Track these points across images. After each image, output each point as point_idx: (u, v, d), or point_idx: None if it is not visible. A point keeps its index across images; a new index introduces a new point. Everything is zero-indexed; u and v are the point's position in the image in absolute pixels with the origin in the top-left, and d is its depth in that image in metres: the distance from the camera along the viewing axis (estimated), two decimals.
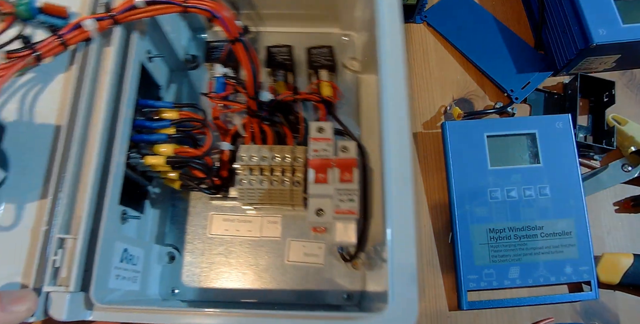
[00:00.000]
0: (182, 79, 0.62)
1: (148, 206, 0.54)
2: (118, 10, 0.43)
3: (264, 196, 0.52)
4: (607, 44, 0.56)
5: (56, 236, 0.39)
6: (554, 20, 0.63)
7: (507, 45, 0.65)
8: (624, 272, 0.53)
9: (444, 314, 0.55)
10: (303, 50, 0.62)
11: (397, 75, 0.45)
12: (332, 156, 0.49)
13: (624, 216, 0.59)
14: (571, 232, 0.54)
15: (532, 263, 0.54)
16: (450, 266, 0.56)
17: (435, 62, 0.67)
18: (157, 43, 0.54)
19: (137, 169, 0.49)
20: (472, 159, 0.57)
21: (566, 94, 0.63)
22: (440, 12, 0.68)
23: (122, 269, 0.45)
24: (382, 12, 0.47)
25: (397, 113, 0.44)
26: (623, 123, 0.60)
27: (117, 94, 0.45)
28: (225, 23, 0.42)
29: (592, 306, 0.55)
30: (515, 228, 0.54)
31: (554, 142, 0.57)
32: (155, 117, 0.52)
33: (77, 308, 0.38)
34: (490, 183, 0.56)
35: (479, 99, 0.65)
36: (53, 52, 0.43)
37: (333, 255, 0.55)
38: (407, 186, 0.42)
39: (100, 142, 0.42)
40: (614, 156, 0.61)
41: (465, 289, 0.53)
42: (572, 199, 0.55)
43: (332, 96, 0.58)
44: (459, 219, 0.55)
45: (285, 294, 0.53)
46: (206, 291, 0.54)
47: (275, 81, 0.60)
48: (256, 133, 0.56)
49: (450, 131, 0.58)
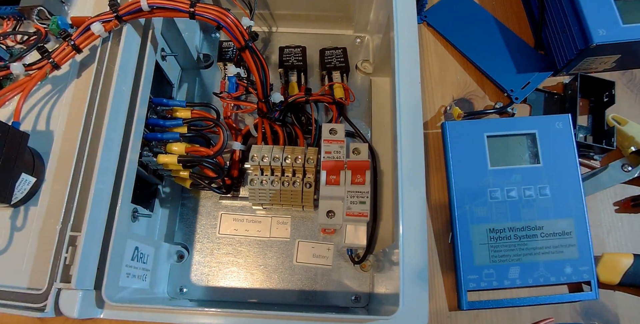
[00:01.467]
0: (193, 78, 0.62)
1: (158, 204, 0.54)
2: (123, 12, 0.43)
3: (274, 196, 0.52)
4: (607, 44, 0.56)
5: (68, 234, 0.39)
6: (554, 20, 0.63)
7: (507, 45, 0.65)
8: (624, 272, 0.53)
9: (444, 314, 0.55)
10: (316, 51, 0.62)
11: (412, 77, 0.45)
12: (344, 158, 0.49)
13: (624, 216, 0.59)
14: (571, 232, 0.54)
15: (532, 263, 0.54)
16: (450, 266, 0.56)
17: (435, 62, 0.67)
18: (171, 41, 0.54)
19: (149, 168, 0.50)
20: (472, 159, 0.57)
21: (566, 94, 0.63)
22: (440, 12, 0.68)
23: (133, 267, 0.45)
24: (399, 15, 0.47)
25: (412, 115, 0.44)
26: (623, 123, 0.60)
27: (131, 93, 0.45)
28: (231, 32, 0.42)
29: (592, 306, 0.55)
30: (515, 228, 0.54)
31: (554, 142, 0.57)
32: (168, 116, 0.52)
33: (88, 306, 0.38)
34: (490, 183, 0.56)
35: (479, 99, 0.65)
36: (68, 58, 0.45)
37: (342, 257, 0.55)
38: (420, 188, 0.42)
39: (114, 140, 0.42)
40: (614, 156, 0.60)
41: (465, 289, 0.53)
42: (572, 199, 0.55)
43: (344, 97, 0.57)
44: (459, 219, 0.55)
45: (293, 295, 0.53)
46: (214, 290, 0.54)
47: (288, 82, 0.60)
48: (267, 133, 0.56)
49: (450, 131, 0.58)
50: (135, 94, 0.45)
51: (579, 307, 0.55)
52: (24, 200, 0.43)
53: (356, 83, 0.63)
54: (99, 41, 0.46)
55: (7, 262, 0.41)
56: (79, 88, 0.47)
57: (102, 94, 0.43)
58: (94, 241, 0.39)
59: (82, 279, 0.38)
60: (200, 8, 0.42)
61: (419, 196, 0.41)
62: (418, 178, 0.42)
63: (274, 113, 0.54)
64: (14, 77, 0.47)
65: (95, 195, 0.40)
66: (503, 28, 0.67)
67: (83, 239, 0.38)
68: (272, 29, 0.65)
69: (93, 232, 0.39)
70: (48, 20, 0.49)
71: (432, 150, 0.61)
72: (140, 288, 0.47)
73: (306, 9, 0.61)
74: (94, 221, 0.40)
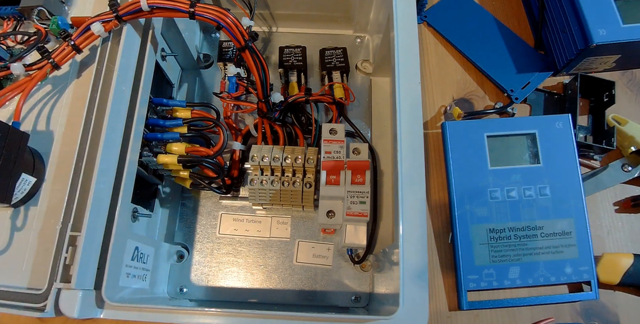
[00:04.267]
0: (193, 78, 0.62)
1: (158, 204, 0.54)
2: (123, 12, 0.43)
3: (274, 196, 0.52)
4: (607, 44, 0.56)
5: (68, 234, 0.39)
6: (554, 20, 0.63)
7: (507, 45, 0.65)
8: (624, 272, 0.53)
9: (444, 314, 0.55)
10: (316, 51, 0.62)
11: (412, 77, 0.45)
12: (344, 158, 0.49)
13: (624, 216, 0.59)
14: (571, 233, 0.54)
15: (532, 263, 0.54)
16: (450, 266, 0.56)
17: (435, 62, 0.67)
18: (171, 41, 0.54)
19: (149, 168, 0.49)
20: (472, 159, 0.57)
21: (566, 94, 0.63)
22: (440, 12, 0.68)
23: (133, 267, 0.45)
24: (399, 15, 0.47)
25: (412, 115, 0.44)
26: (623, 123, 0.60)
27: (131, 93, 0.45)
28: (231, 32, 0.42)
29: (592, 306, 0.55)
30: (515, 228, 0.54)
31: (554, 142, 0.57)
32: (168, 116, 0.52)
33: (88, 306, 0.38)
34: (490, 183, 0.56)
35: (479, 99, 0.65)
36: (68, 58, 0.45)
37: (342, 257, 0.55)
38: (420, 188, 0.41)
39: (114, 140, 0.42)
40: (614, 156, 0.60)
41: (465, 289, 0.53)
42: (572, 199, 0.55)
43: (344, 97, 0.57)
44: (459, 219, 0.55)
45: (293, 295, 0.53)
46: (214, 290, 0.54)
47: (288, 82, 0.60)
48: (267, 133, 0.56)
49: (450, 131, 0.58)
50: (135, 94, 0.45)
51: (579, 307, 0.55)
52: (24, 200, 0.43)
53: (356, 83, 0.63)
54: (99, 41, 0.46)
55: (7, 262, 0.41)
56: (79, 88, 0.47)
57: (102, 94, 0.43)
58: (94, 241, 0.39)
59: (82, 279, 0.38)
60: (200, 8, 0.42)
61: (419, 196, 0.41)
62: (418, 178, 0.42)
63: (274, 113, 0.54)
64: (14, 77, 0.47)
65: (95, 195, 0.40)
66: (503, 28, 0.67)
67: (83, 239, 0.38)
68: (272, 29, 0.65)
69: (93, 232, 0.39)
70: (48, 21, 0.49)
71: (432, 150, 0.61)
72: (140, 288, 0.47)
73: (306, 9, 0.61)
74: (94, 221, 0.40)
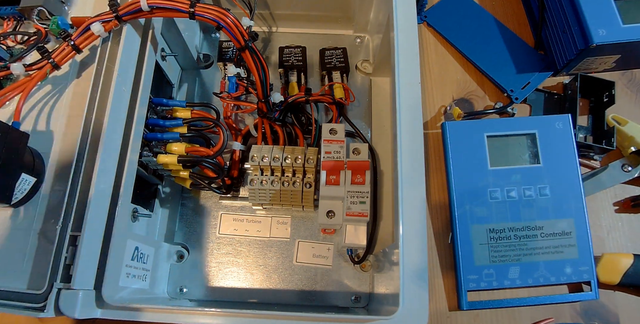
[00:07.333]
0: (193, 78, 0.62)
1: (158, 204, 0.55)
2: (123, 12, 0.43)
3: (274, 196, 0.52)
4: (607, 44, 0.56)
5: (68, 234, 0.39)
6: (554, 20, 0.63)
7: (507, 45, 0.65)
8: (624, 272, 0.53)
9: (444, 314, 0.55)
10: (316, 51, 0.62)
11: (412, 77, 0.45)
12: (344, 158, 0.49)
13: (624, 216, 0.59)
14: (571, 233, 0.54)
15: (532, 263, 0.54)
16: (450, 266, 0.56)
17: (435, 62, 0.67)
18: (171, 41, 0.54)
19: (149, 168, 0.50)
20: (472, 159, 0.57)
21: (566, 94, 0.63)
22: (440, 12, 0.69)
23: (133, 267, 0.45)
24: (399, 15, 0.47)
25: (412, 115, 0.44)
26: (623, 123, 0.60)
27: (131, 93, 0.45)
28: (231, 32, 0.42)
29: (592, 306, 0.55)
30: (515, 228, 0.54)
31: (554, 142, 0.57)
32: (168, 116, 0.52)
33: (88, 306, 0.38)
34: (490, 183, 0.56)
35: (479, 99, 0.65)
36: (68, 58, 0.45)
37: (342, 257, 0.55)
38: (420, 188, 0.41)
39: (114, 140, 0.42)
40: (614, 156, 0.61)
41: (465, 289, 0.53)
42: (572, 199, 0.55)
43: (344, 97, 0.57)
44: (459, 219, 0.55)
45: (293, 295, 0.53)
46: (214, 290, 0.54)
47: (288, 82, 0.60)
48: (267, 133, 0.56)
49: (450, 131, 0.58)
50: (135, 94, 0.45)
51: (579, 307, 0.55)
52: (24, 200, 0.43)
53: (356, 83, 0.63)
54: (99, 41, 0.46)
55: (7, 262, 0.41)
56: (79, 88, 0.47)
57: (102, 94, 0.43)
58: (94, 241, 0.39)
59: (82, 279, 0.38)
60: (200, 8, 0.42)
61: (419, 196, 0.41)
62: (418, 178, 0.42)
63: (274, 113, 0.54)
64: (14, 77, 0.47)
65: (95, 195, 0.40)
66: (503, 28, 0.67)
67: (83, 239, 0.38)
68: (272, 29, 0.65)
69: (93, 232, 0.39)
70: (48, 21, 0.49)
71: (432, 150, 0.61)
72: (140, 288, 0.47)
73: (306, 9, 0.61)
74: (94, 221, 0.40)
